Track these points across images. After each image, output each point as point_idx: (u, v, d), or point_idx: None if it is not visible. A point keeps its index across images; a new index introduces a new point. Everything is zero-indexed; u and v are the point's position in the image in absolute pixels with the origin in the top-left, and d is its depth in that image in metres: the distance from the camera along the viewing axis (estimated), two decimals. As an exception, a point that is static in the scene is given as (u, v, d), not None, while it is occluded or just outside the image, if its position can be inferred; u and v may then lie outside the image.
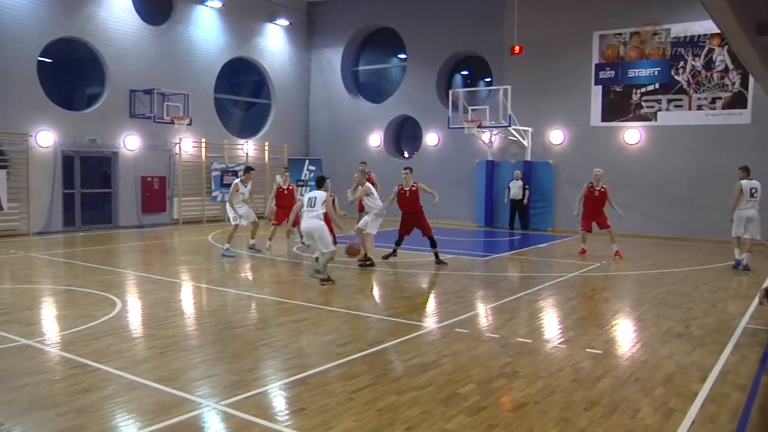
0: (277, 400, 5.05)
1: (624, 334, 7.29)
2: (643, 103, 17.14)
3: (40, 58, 16.35)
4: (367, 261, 11.39)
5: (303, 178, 21.53)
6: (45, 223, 16.42)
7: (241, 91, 23.01)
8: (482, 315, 8.13)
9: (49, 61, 16.93)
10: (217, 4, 20.00)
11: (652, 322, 7.61)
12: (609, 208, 13.06)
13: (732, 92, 15.96)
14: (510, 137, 18.66)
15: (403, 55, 21.83)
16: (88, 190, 17.76)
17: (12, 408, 4.74)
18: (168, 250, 14.63)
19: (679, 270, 11.64)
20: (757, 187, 11.31)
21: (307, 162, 22.34)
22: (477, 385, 5.26)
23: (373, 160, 19.18)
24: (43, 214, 16.40)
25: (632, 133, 17.24)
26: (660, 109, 16.92)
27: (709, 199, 15.69)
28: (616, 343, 6.86)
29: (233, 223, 12.86)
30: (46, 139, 16.39)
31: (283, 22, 22.19)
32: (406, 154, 22.45)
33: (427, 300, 9.37)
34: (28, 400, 4.87)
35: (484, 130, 18.46)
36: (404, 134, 22.67)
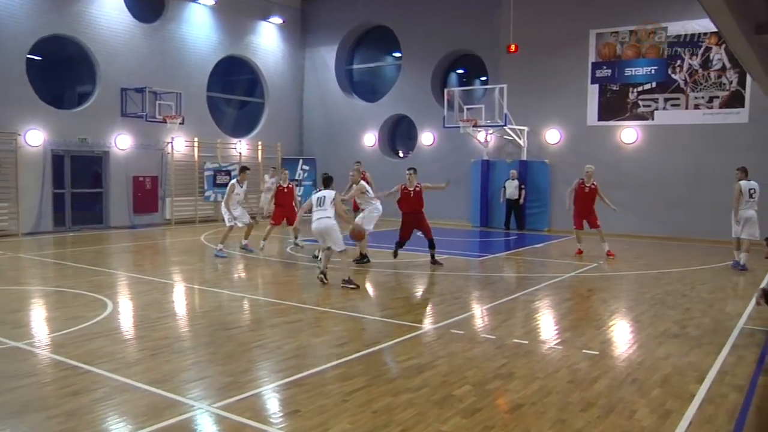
0: (272, 402, 5.02)
1: (621, 335, 7.27)
2: (640, 102, 17.13)
3: (29, 56, 16.20)
4: (363, 258, 11.40)
5: (297, 178, 21.45)
6: (34, 224, 16.29)
7: (234, 89, 22.90)
8: (478, 316, 8.10)
9: (39, 59, 16.76)
10: (209, 1, 19.91)
11: (649, 323, 7.59)
12: (602, 207, 13.08)
13: (729, 91, 15.97)
14: (506, 136, 18.65)
15: (397, 54, 21.78)
16: (79, 190, 17.63)
17: (1, 411, 4.68)
18: (160, 251, 14.54)
19: (676, 270, 11.63)
20: (755, 188, 11.42)
21: (301, 161, 22.27)
22: (473, 387, 5.24)
23: (368, 160, 19.14)
24: (33, 215, 16.27)
25: (629, 133, 17.24)
26: (657, 108, 16.92)
27: (706, 198, 15.72)
28: (613, 344, 6.84)
29: (228, 225, 12.77)
30: (35, 138, 16.24)
31: (277, 20, 22.11)
32: (401, 154, 22.41)
33: (423, 301, 9.33)
34: (17, 404, 4.81)
35: (479, 130, 18.43)
36: (399, 133, 22.62)
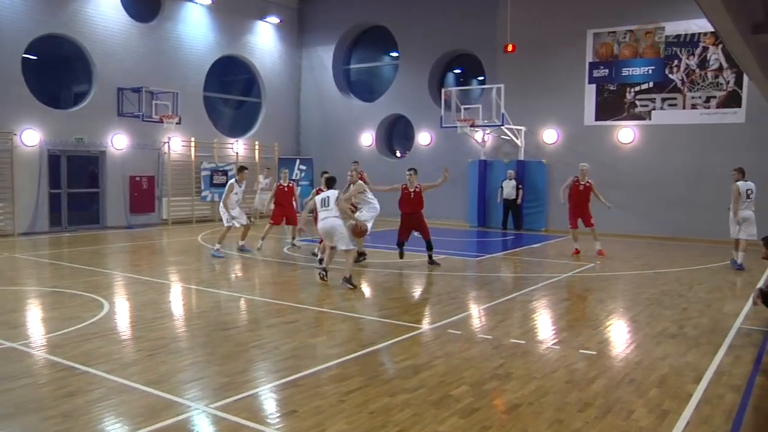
0: (268, 403, 5.00)
1: (618, 335, 7.27)
2: (637, 102, 17.12)
3: (25, 55, 16.15)
4: (360, 256, 11.40)
5: (294, 178, 21.39)
6: (30, 224, 16.23)
7: (231, 89, 22.86)
8: (475, 316, 8.09)
9: (34, 58, 16.69)
10: (206, 1, 19.86)
11: (646, 323, 7.59)
12: (596, 206, 13.11)
13: (726, 91, 15.96)
14: (503, 136, 18.65)
15: (395, 54, 21.75)
16: (75, 190, 17.58)
17: (-4, 413, 4.66)
18: (157, 251, 14.50)
19: (674, 270, 11.63)
20: (752, 188, 11.51)
21: (298, 161, 22.23)
22: (470, 387, 5.23)
23: (365, 160, 19.12)
24: (29, 215, 16.20)
25: (626, 132, 17.23)
26: (654, 108, 16.90)
27: (703, 198, 15.72)
28: (610, 344, 6.84)
29: (226, 225, 12.74)
30: (31, 138, 16.19)
31: (274, 19, 22.07)
32: (398, 154, 22.38)
33: (420, 301, 9.31)
34: (13, 405, 4.78)
35: (477, 129, 18.42)
36: (396, 133, 22.59)
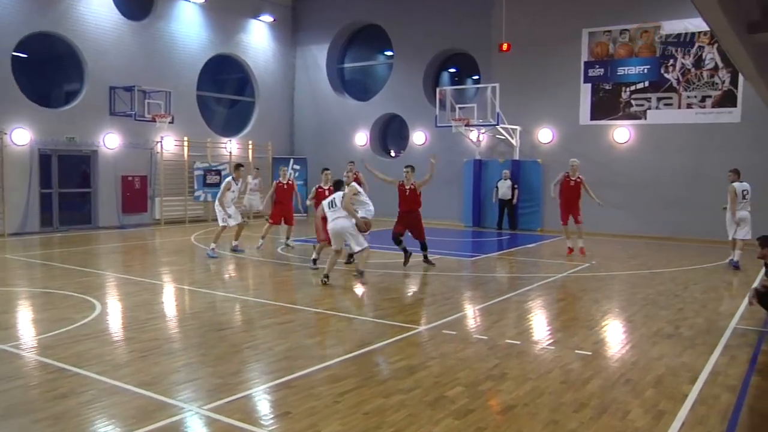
0: (262, 404, 4.97)
1: (614, 336, 7.26)
2: (633, 102, 17.14)
3: (14, 53, 15.99)
4: (350, 257, 11.36)
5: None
6: (21, 224, 16.08)
7: (225, 88, 22.77)
8: (470, 316, 8.07)
9: (24, 56, 16.54)
10: (199, -1, 19.78)
11: (641, 323, 7.59)
12: (588, 206, 13.14)
13: (722, 90, 15.99)
14: (498, 136, 18.64)
15: (389, 53, 21.71)
16: (66, 190, 17.44)
17: (-15, 415, 4.60)
18: (149, 251, 14.41)
19: (669, 270, 11.64)
20: (748, 189, 11.60)
21: (292, 161, 22.16)
22: (465, 388, 5.21)
23: (360, 159, 19.03)
24: (19, 215, 16.05)
25: (621, 132, 17.25)
26: (649, 108, 16.93)
27: (699, 198, 15.75)
28: (606, 345, 6.83)
29: (221, 224, 12.68)
30: (21, 137, 16.04)
31: (267, 18, 21.99)
32: (393, 153, 22.35)
33: (415, 301, 9.28)
34: (2, 407, 4.72)
35: (471, 129, 18.40)
36: (391, 133, 22.56)
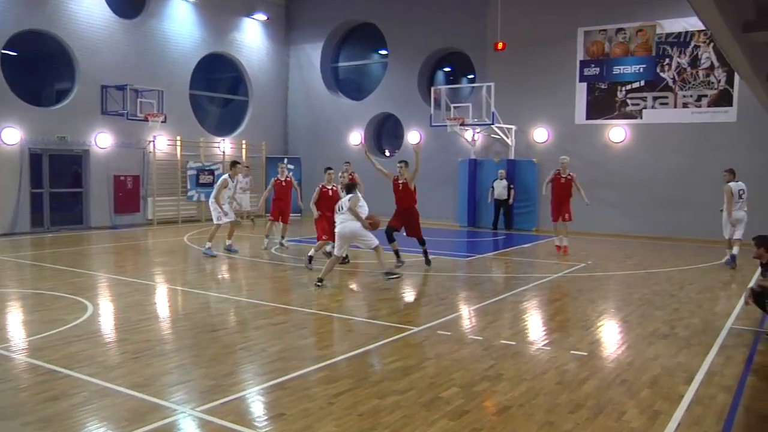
0: (256, 406, 4.93)
1: (609, 336, 7.26)
2: (629, 101, 17.14)
3: (4, 51, 15.85)
4: (345, 259, 11.30)
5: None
6: (11, 224, 15.94)
7: (218, 87, 22.67)
8: (465, 317, 8.05)
9: (14, 54, 16.39)
10: (192, -3, 19.68)
11: (637, 323, 7.59)
12: (584, 206, 13.17)
13: (718, 90, 16.01)
14: (493, 135, 18.63)
15: (384, 51, 21.66)
16: (58, 190, 17.31)
17: (-27, 419, 4.54)
18: (142, 252, 14.32)
19: (665, 270, 11.66)
20: (743, 189, 11.62)
21: (286, 161, 22.02)
22: (460, 389, 5.19)
23: (354, 159, 18.95)
24: (9, 215, 15.92)
25: (617, 131, 17.25)
26: (645, 107, 16.93)
27: (695, 198, 15.78)
28: (602, 345, 6.82)
29: (216, 222, 12.61)
30: (11, 137, 15.91)
31: (261, 16, 21.91)
32: (387, 153, 22.31)
33: (410, 302, 9.24)
34: (-9, 410, 4.67)
35: (466, 128, 18.39)
36: (385, 132, 22.52)
